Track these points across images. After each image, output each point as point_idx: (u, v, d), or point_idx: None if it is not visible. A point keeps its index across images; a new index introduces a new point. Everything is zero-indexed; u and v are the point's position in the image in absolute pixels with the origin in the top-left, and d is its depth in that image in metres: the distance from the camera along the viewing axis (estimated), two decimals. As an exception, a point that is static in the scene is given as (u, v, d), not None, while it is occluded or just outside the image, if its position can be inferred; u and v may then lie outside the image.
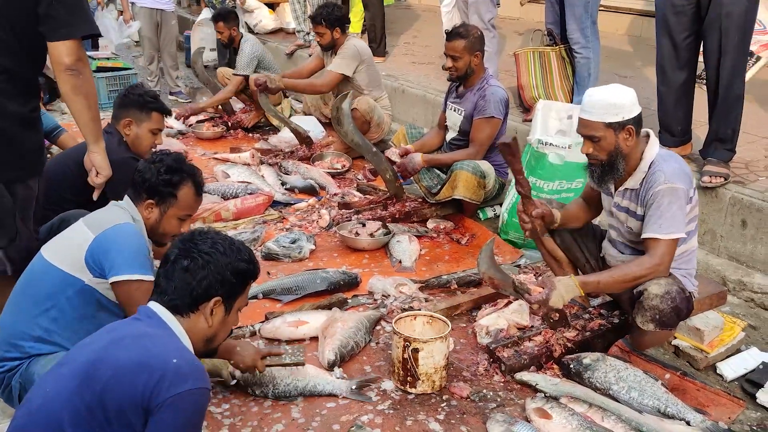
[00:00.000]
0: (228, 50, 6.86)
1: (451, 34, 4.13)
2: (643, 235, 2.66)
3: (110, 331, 1.88)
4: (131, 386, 1.68)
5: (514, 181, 3.32)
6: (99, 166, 2.68)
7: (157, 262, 2.42)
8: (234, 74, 6.19)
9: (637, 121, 2.66)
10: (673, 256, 2.66)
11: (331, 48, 5.41)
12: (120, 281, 2.28)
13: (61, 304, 2.29)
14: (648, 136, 2.73)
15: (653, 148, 2.71)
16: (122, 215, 2.43)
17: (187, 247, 1.95)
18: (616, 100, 2.63)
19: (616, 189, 2.81)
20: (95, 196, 2.84)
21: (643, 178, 2.68)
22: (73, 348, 1.90)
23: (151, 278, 2.29)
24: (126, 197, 2.53)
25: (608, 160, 2.69)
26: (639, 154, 2.70)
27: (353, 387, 2.65)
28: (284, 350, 2.65)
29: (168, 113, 3.47)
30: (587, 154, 2.73)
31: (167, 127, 6.12)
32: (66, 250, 2.34)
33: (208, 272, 1.91)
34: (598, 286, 2.76)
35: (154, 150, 3.32)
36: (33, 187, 2.63)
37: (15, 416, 1.82)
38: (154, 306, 1.92)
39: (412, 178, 4.37)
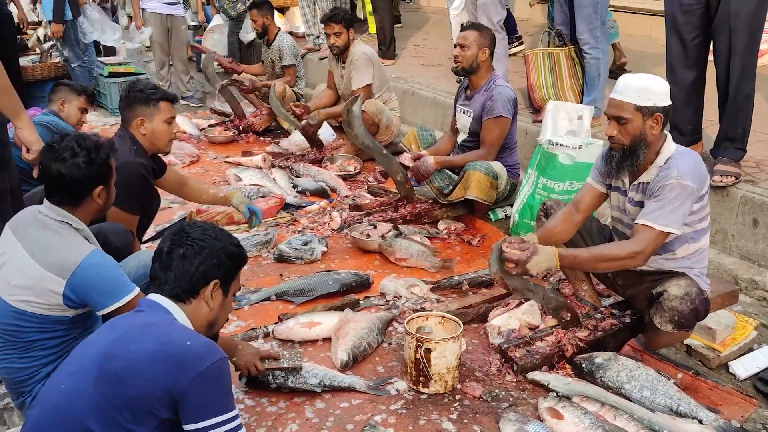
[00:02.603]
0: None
1: (466, 26, 4.25)
2: (637, 221, 2.65)
3: (114, 325, 1.92)
4: (151, 376, 1.73)
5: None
6: (27, 141, 2.53)
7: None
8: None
9: (666, 112, 2.66)
10: (656, 248, 2.65)
11: (344, 51, 5.43)
12: (112, 310, 2.23)
13: (56, 334, 2.25)
14: (666, 134, 2.74)
15: (670, 145, 2.71)
16: (72, 242, 2.27)
17: (179, 237, 2.01)
18: (650, 85, 2.64)
19: (630, 183, 2.81)
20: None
21: (658, 173, 2.68)
22: (79, 346, 1.94)
23: (137, 291, 2.29)
24: (50, 205, 2.32)
25: (630, 146, 2.68)
26: (657, 149, 2.71)
27: (371, 384, 2.69)
28: (282, 354, 2.69)
29: (175, 99, 3.37)
30: (610, 137, 2.72)
31: (179, 132, 6.19)
32: (34, 295, 2.20)
33: (205, 257, 1.98)
34: (575, 261, 2.74)
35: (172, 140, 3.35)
36: (1, 182, 2.58)
37: (28, 416, 1.85)
38: (155, 297, 1.97)
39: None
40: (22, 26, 7.64)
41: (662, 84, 2.67)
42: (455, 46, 4.24)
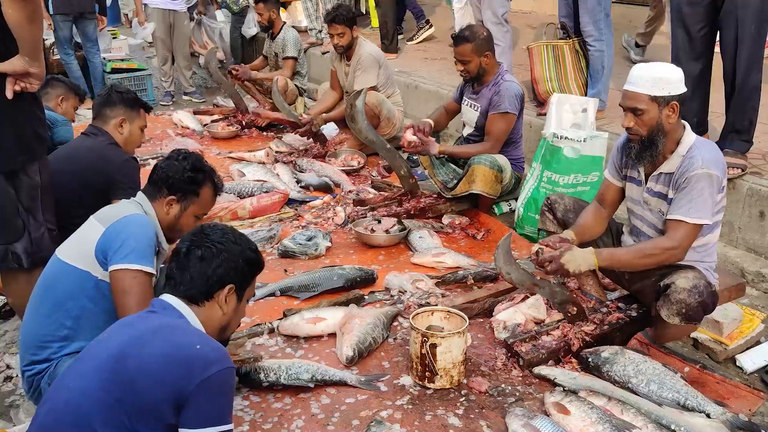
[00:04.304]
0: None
1: (458, 39, 4.12)
2: (669, 216, 2.64)
3: (127, 325, 1.91)
4: (161, 379, 1.72)
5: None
6: (41, 77, 2.53)
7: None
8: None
9: (682, 100, 2.64)
10: (692, 242, 2.64)
11: (348, 49, 5.40)
12: (117, 270, 2.24)
13: (82, 302, 2.31)
14: (684, 123, 2.72)
15: (691, 134, 2.70)
16: (134, 209, 2.44)
17: (199, 239, 2.01)
18: (664, 74, 2.62)
19: (648, 175, 2.79)
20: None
21: (681, 163, 2.66)
22: (91, 344, 1.92)
23: (152, 270, 2.31)
24: (140, 193, 2.55)
25: (648, 136, 2.66)
26: (677, 138, 2.69)
27: (362, 379, 2.69)
28: (237, 352, 2.74)
29: (150, 109, 3.44)
30: (627, 128, 2.70)
31: (183, 127, 6.19)
32: (78, 247, 2.35)
33: (222, 260, 1.98)
34: (612, 259, 2.75)
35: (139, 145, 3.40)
36: (33, 176, 2.61)
37: (37, 413, 1.83)
38: (168, 298, 1.96)
39: (426, 172, 4.37)
40: None
41: (676, 72, 2.65)
42: (456, 60, 4.19)
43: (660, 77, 2.61)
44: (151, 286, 2.32)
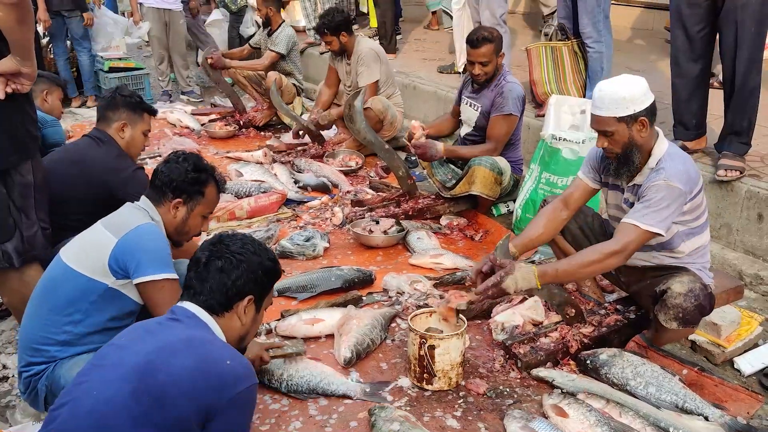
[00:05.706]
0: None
1: (478, 41, 4.02)
2: (623, 220, 2.62)
3: (149, 332, 1.88)
4: (192, 394, 1.71)
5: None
6: (32, 77, 2.56)
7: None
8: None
9: (650, 111, 2.62)
10: (638, 248, 2.61)
11: (342, 53, 5.39)
12: (146, 282, 2.28)
13: (84, 308, 2.30)
14: (657, 132, 2.71)
15: (661, 145, 2.68)
16: (141, 216, 2.44)
17: (218, 249, 1.99)
18: (625, 93, 2.58)
19: (627, 183, 2.79)
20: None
21: (648, 175, 2.65)
22: (110, 348, 1.87)
23: (176, 277, 2.33)
24: (144, 198, 2.54)
25: (623, 153, 2.66)
26: (649, 149, 2.68)
27: (367, 390, 2.65)
28: (284, 343, 2.75)
29: (155, 113, 3.41)
30: (603, 148, 2.71)
31: (181, 127, 6.17)
32: (87, 254, 2.33)
33: (242, 272, 1.97)
34: (557, 274, 2.65)
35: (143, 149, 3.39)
36: (25, 175, 2.61)
37: (55, 417, 1.76)
38: (191, 306, 1.93)
39: (425, 172, 4.37)
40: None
41: (637, 87, 2.61)
42: (472, 63, 4.14)
43: (621, 97, 2.58)
44: (179, 291, 2.30)
